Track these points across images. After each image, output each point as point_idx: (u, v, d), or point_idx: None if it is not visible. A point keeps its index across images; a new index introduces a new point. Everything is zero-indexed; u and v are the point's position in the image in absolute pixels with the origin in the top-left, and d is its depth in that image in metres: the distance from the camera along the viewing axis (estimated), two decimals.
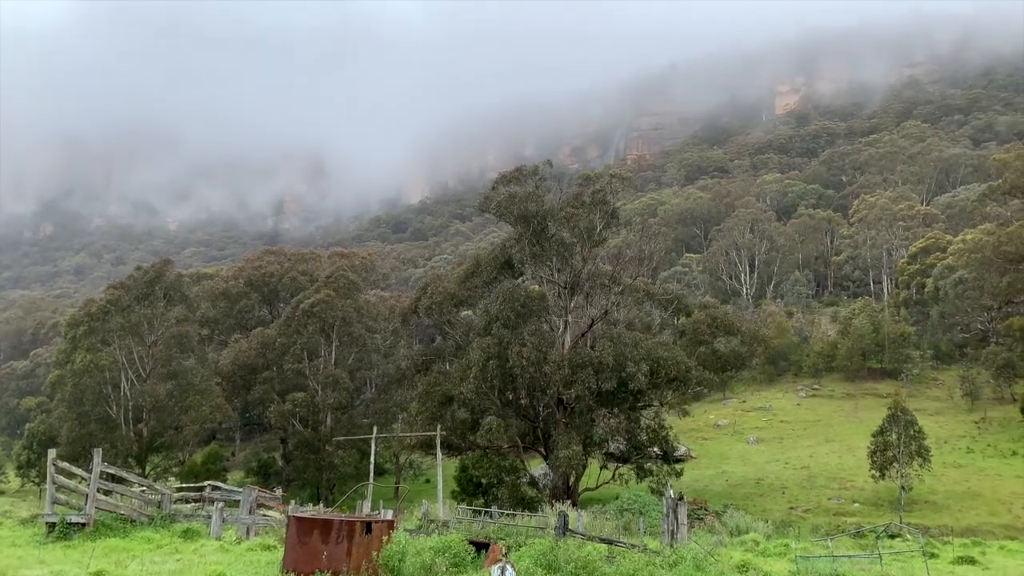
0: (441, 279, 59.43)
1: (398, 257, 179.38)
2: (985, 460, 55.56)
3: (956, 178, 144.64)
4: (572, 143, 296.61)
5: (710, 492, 51.11)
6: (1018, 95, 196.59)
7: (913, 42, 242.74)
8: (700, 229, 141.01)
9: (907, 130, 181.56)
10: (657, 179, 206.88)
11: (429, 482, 60.77)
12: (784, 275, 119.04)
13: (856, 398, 78.53)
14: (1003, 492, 48.36)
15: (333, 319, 65.54)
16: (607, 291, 51.62)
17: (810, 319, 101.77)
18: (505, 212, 50.61)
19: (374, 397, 71.80)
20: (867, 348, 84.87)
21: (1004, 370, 70.44)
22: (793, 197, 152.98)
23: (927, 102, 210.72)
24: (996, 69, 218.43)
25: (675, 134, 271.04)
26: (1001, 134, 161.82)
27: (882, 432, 47.52)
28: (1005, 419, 64.76)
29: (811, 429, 70.72)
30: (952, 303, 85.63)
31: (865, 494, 49.32)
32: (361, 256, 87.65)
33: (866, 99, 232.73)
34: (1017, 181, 65.62)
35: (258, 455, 71.01)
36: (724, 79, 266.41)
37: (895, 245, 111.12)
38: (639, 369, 45.14)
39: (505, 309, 48.41)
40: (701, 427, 73.92)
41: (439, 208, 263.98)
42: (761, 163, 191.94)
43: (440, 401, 49.18)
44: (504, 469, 46.54)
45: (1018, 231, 62.11)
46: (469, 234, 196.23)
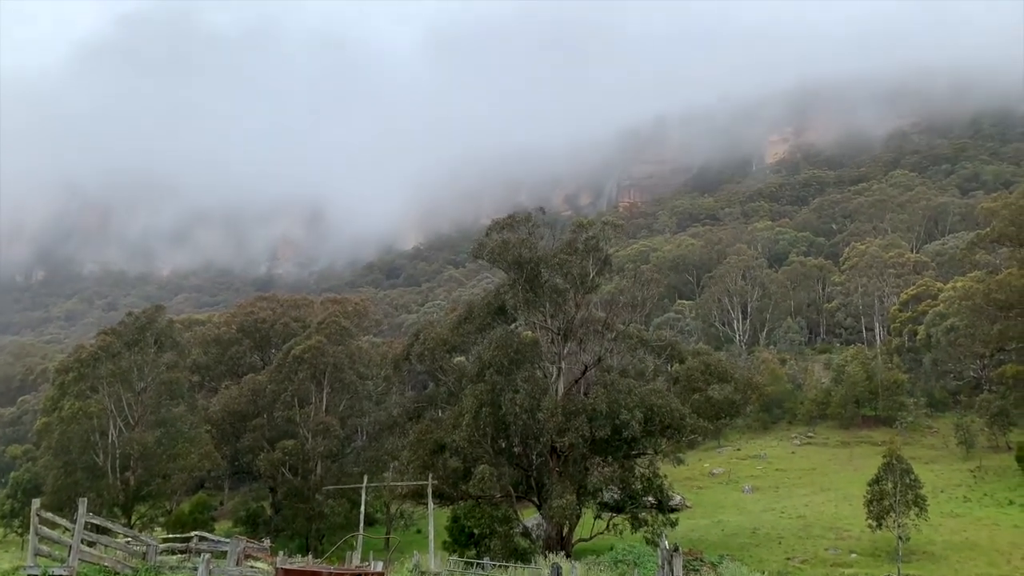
0: (434, 325, 59.32)
1: (391, 303, 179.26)
2: (982, 510, 55.03)
3: (945, 226, 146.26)
4: (565, 190, 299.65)
5: (706, 542, 50.36)
6: (1003, 145, 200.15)
7: (900, 93, 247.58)
8: (692, 276, 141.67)
9: (896, 179, 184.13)
10: (649, 226, 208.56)
11: (420, 532, 59.75)
12: (777, 322, 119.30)
13: (851, 446, 78.03)
14: (1001, 542, 47.78)
15: (324, 366, 65.10)
16: (600, 337, 51.52)
17: (803, 366, 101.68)
18: (498, 258, 50.71)
19: (365, 445, 70.97)
20: (861, 395, 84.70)
21: (998, 418, 70.25)
22: (784, 244, 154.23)
23: (914, 152, 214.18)
24: (981, 120, 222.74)
25: (667, 182, 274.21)
26: (988, 183, 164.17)
27: (878, 481, 47.08)
28: (1001, 468, 64.34)
29: (806, 477, 70.09)
30: (944, 350, 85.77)
31: (862, 544, 48.66)
32: (354, 302, 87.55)
33: (854, 148, 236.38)
34: (1005, 229, 66.30)
35: (247, 504, 69.81)
36: (715, 129, 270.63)
37: (886, 292, 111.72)
38: (633, 417, 44.77)
39: (498, 355, 48.17)
40: (696, 475, 73.18)
41: (433, 254, 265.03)
42: (752, 211, 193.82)
43: (432, 449, 48.59)
44: (497, 519, 45.76)
45: (1007, 279, 62.55)
46: (462, 280, 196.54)
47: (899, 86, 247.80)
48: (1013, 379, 66.95)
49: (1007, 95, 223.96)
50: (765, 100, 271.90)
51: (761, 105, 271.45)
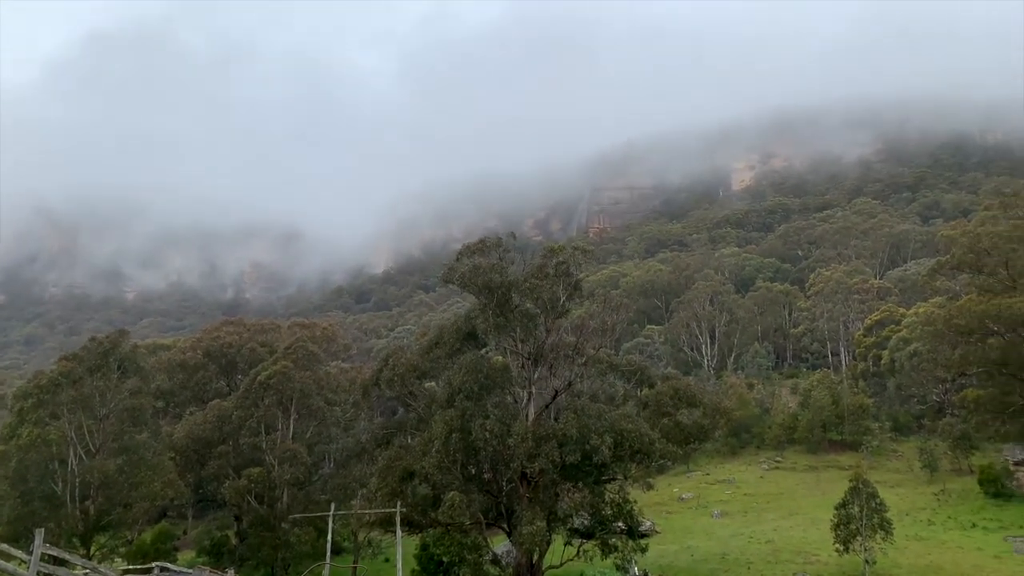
0: (403, 350, 58.88)
1: (360, 327, 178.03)
2: (946, 533, 55.73)
3: (907, 253, 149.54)
4: (536, 215, 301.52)
5: (675, 568, 50.32)
6: (962, 175, 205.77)
7: (864, 123, 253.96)
8: (661, 301, 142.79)
9: (859, 206, 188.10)
10: (619, 251, 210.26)
11: (388, 561, 58.93)
12: (744, 347, 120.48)
13: (818, 470, 78.72)
14: (965, 565, 48.37)
15: (291, 391, 64.29)
16: (571, 362, 51.56)
17: (771, 391, 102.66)
18: (469, 283, 50.68)
19: (332, 472, 70.02)
20: (827, 420, 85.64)
21: (961, 442, 71.46)
22: (751, 270, 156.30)
23: (877, 180, 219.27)
24: (940, 150, 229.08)
25: (635, 208, 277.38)
26: (947, 211, 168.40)
27: (844, 505, 47.53)
28: (964, 491, 65.31)
29: (775, 502, 70.49)
30: (908, 375, 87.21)
31: (830, 568, 48.95)
32: (322, 327, 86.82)
33: (819, 176, 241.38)
34: (963, 257, 67.84)
35: (211, 533, 68.32)
36: (682, 156, 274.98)
37: (851, 318, 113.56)
38: (603, 442, 44.76)
39: (468, 380, 47.97)
40: (665, 500, 73.24)
41: (403, 278, 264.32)
42: (719, 237, 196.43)
43: (401, 476, 48.07)
44: (466, 547, 45.31)
45: (967, 304, 63.90)
46: (432, 305, 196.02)
47: (863, 116, 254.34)
48: (974, 403, 68.13)
49: (965, 127, 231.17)
50: (732, 128, 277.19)
51: (728, 132, 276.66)
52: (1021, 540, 52.37)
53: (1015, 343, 63.67)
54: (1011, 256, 63.35)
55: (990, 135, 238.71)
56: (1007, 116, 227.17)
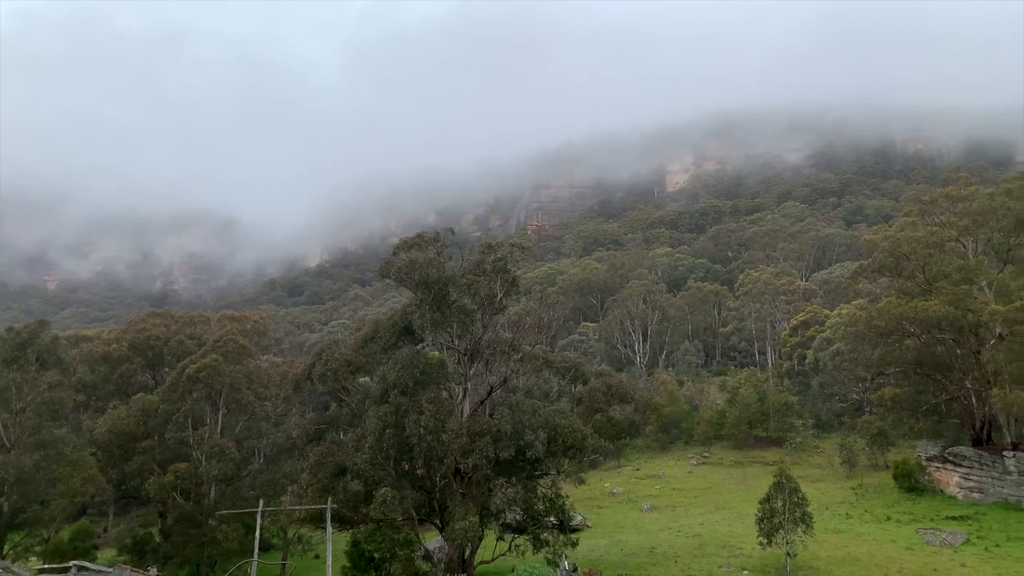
0: (338, 344, 58.20)
1: (293, 321, 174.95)
2: (863, 525, 58.03)
3: (832, 256, 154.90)
4: (475, 212, 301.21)
5: (605, 562, 51.11)
6: (884, 181, 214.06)
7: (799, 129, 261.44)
8: (597, 299, 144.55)
9: (787, 210, 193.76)
10: (556, 249, 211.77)
11: (319, 558, 58.20)
12: (675, 344, 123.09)
13: (744, 466, 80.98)
14: (880, 557, 50.48)
15: (221, 385, 62.89)
16: (507, 358, 51.86)
17: (700, 388, 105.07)
18: (406, 278, 50.47)
19: (262, 468, 68.78)
20: (753, 417, 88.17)
21: (878, 438, 74.50)
22: (683, 270, 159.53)
23: (805, 185, 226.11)
24: (865, 158, 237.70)
25: (574, 206, 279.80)
26: (870, 216, 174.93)
27: (768, 499, 49.00)
28: (880, 485, 68.11)
29: (702, 497, 72.22)
30: (830, 374, 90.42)
31: (753, 561, 50.43)
32: (253, 320, 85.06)
33: (751, 180, 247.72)
34: (884, 260, 70.65)
35: (133, 531, 66.33)
36: (622, 157, 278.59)
37: (778, 318, 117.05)
38: (537, 437, 45.23)
39: (404, 376, 47.77)
40: (597, 495, 74.27)
41: (338, 272, 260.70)
42: (653, 237, 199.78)
43: (332, 472, 47.57)
44: (398, 543, 45.16)
45: (887, 307, 66.55)
46: (368, 299, 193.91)
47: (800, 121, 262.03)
48: (891, 401, 71.10)
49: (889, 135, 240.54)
50: (672, 129, 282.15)
51: (667, 134, 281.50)
52: (932, 532, 55.00)
53: (929, 344, 66.72)
54: (928, 261, 66.29)
55: (911, 144, 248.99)
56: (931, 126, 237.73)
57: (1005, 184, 72.88)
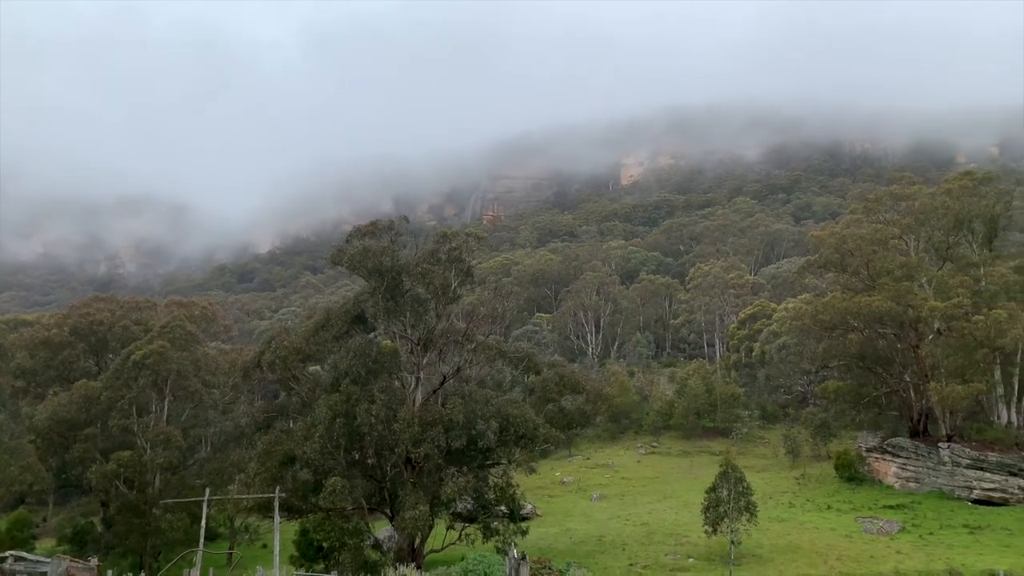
0: (288, 332, 57.54)
1: (243, 308, 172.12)
2: (805, 514, 59.63)
3: (780, 251, 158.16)
4: (430, 201, 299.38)
5: (554, 550, 51.60)
6: (832, 179, 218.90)
7: (753, 126, 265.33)
8: (551, 290, 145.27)
9: (738, 205, 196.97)
10: (511, 240, 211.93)
11: (266, 547, 57.55)
12: (627, 336, 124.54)
13: (691, 455, 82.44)
14: (820, 544, 51.98)
15: (167, 372, 61.67)
16: (460, 348, 51.89)
17: (650, 379, 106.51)
18: (359, 266, 50.09)
19: (209, 456, 67.75)
20: (701, 408, 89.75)
21: (821, 430, 76.51)
22: (636, 263, 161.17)
23: (756, 180, 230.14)
24: (815, 156, 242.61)
25: (530, 198, 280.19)
26: (818, 213, 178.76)
27: (714, 488, 50.04)
28: (822, 475, 70.01)
29: (650, 486, 73.35)
30: (776, 367, 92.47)
31: (699, 549, 51.47)
32: (202, 306, 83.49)
33: (702, 175, 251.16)
34: (830, 256, 72.39)
35: (74, 521, 64.78)
36: (578, 149, 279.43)
37: (726, 311, 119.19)
38: (489, 427, 45.43)
39: (355, 365, 47.47)
40: (547, 484, 74.86)
41: (290, 259, 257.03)
42: (607, 229, 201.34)
43: (281, 461, 47.08)
44: (347, 532, 44.93)
45: (831, 302, 68.25)
46: (320, 287, 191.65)
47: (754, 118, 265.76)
48: (834, 394, 73.04)
49: (839, 134, 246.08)
50: (628, 124, 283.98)
51: (623, 128, 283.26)
52: (870, 520, 56.83)
53: (872, 339, 68.70)
54: (872, 257, 68.12)
55: (859, 144, 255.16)
56: (879, 126, 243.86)
57: (946, 184, 75.14)
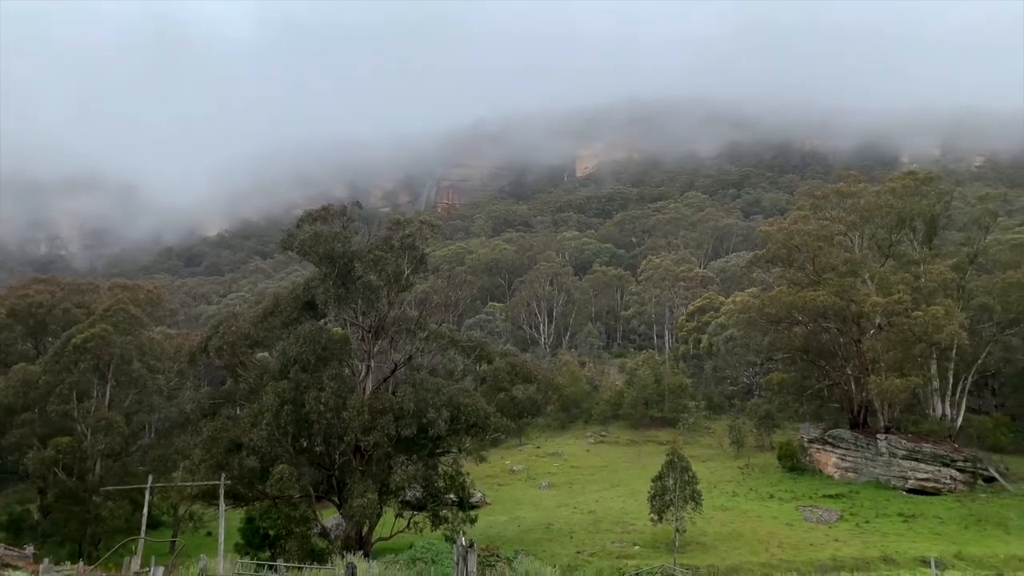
0: (236, 317, 56.58)
1: (189, 292, 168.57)
2: (748, 503, 61.04)
3: (729, 245, 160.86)
4: (384, 187, 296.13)
5: (503, 538, 51.93)
6: (781, 176, 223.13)
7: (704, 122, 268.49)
8: (505, 279, 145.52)
9: (690, 200, 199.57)
10: (466, 228, 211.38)
11: (211, 535, 56.67)
12: (579, 326, 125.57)
13: (639, 445, 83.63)
14: (762, 532, 53.30)
15: (110, 357, 60.20)
16: (412, 336, 51.67)
17: (600, 369, 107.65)
18: (309, 251, 49.48)
19: (153, 443, 66.44)
20: (650, 398, 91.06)
21: (765, 420, 78.33)
22: (589, 254, 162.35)
23: (707, 176, 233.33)
24: (765, 152, 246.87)
25: (485, 187, 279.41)
26: (766, 208, 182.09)
27: (660, 477, 50.92)
28: (765, 465, 71.70)
29: (599, 474, 74.22)
30: (723, 358, 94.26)
31: (645, 537, 52.33)
32: (146, 289, 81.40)
33: (656, 168, 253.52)
34: (778, 251, 73.94)
35: (9, 508, 62.96)
36: (533, 139, 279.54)
37: (676, 303, 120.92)
38: (440, 415, 45.39)
39: (305, 351, 46.93)
40: (497, 473, 75.20)
41: (238, 243, 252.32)
42: (562, 220, 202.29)
43: (227, 448, 46.37)
44: (294, 520, 44.52)
45: (778, 295, 69.78)
46: (270, 272, 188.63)
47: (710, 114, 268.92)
48: (778, 386, 74.87)
49: (790, 131, 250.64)
50: (584, 116, 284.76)
51: (580, 120, 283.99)
52: (810, 509, 58.47)
53: (816, 332, 70.49)
54: (817, 253, 69.77)
55: (808, 142, 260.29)
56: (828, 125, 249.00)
57: (890, 183, 77.22)
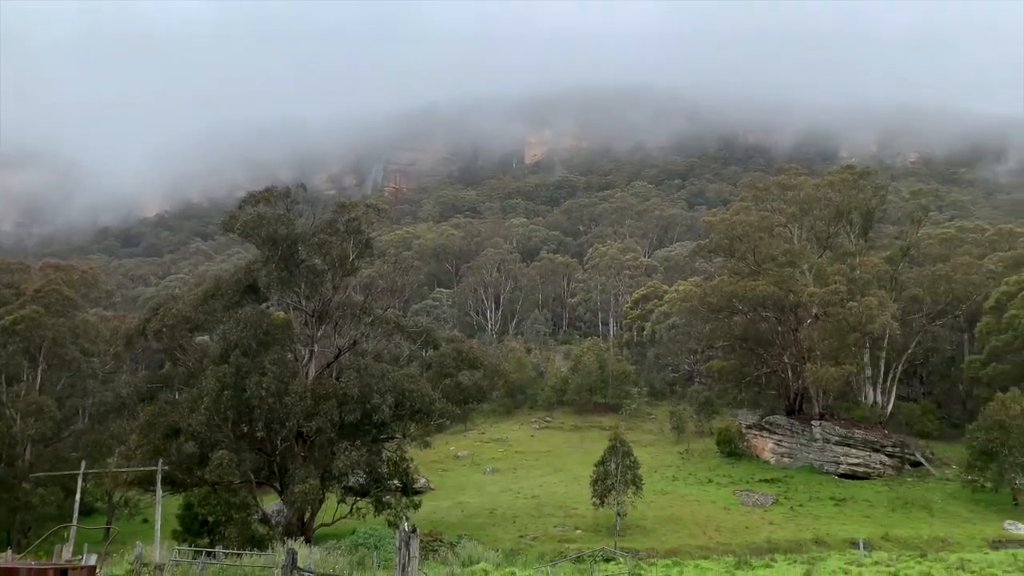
0: (176, 300, 55.27)
1: (127, 274, 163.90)
2: (687, 487, 62.39)
3: (674, 235, 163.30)
4: (329, 170, 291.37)
5: (446, 523, 52.10)
6: (725, 167, 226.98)
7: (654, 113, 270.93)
8: (452, 265, 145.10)
9: (636, 189, 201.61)
10: (413, 213, 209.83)
11: (147, 522, 55.49)
12: (526, 313, 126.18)
13: (583, 430, 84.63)
14: (700, 516, 54.58)
15: (40, 339, 58.30)
16: (357, 321, 51.29)
17: (546, 355, 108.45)
18: (252, 233, 48.59)
19: (87, 428, 64.56)
20: (594, 384, 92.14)
21: (704, 407, 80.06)
22: (537, 241, 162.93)
23: (653, 165, 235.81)
24: (709, 144, 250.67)
25: (432, 171, 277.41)
26: (710, 199, 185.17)
27: (603, 462, 51.64)
28: (704, 450, 73.34)
29: (543, 459, 74.91)
30: (666, 346, 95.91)
31: (587, 521, 53.07)
32: (81, 270, 78.93)
33: (604, 157, 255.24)
34: (720, 241, 75.42)
35: None
36: (483, 124, 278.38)
37: (621, 291, 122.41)
38: (384, 401, 45.19)
39: (246, 336, 46.15)
40: (442, 458, 75.28)
41: (179, 224, 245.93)
42: (510, 207, 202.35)
43: (165, 433, 45.42)
44: (234, 506, 43.88)
45: (719, 285, 71.25)
46: (211, 254, 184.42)
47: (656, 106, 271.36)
48: (718, 373, 76.56)
49: (735, 124, 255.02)
50: (533, 103, 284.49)
51: (529, 107, 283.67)
52: (746, 493, 60.07)
53: (755, 321, 72.20)
54: (758, 244, 71.37)
55: (752, 134, 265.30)
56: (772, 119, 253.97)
57: (829, 177, 79.36)
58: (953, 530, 52.00)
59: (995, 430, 56.65)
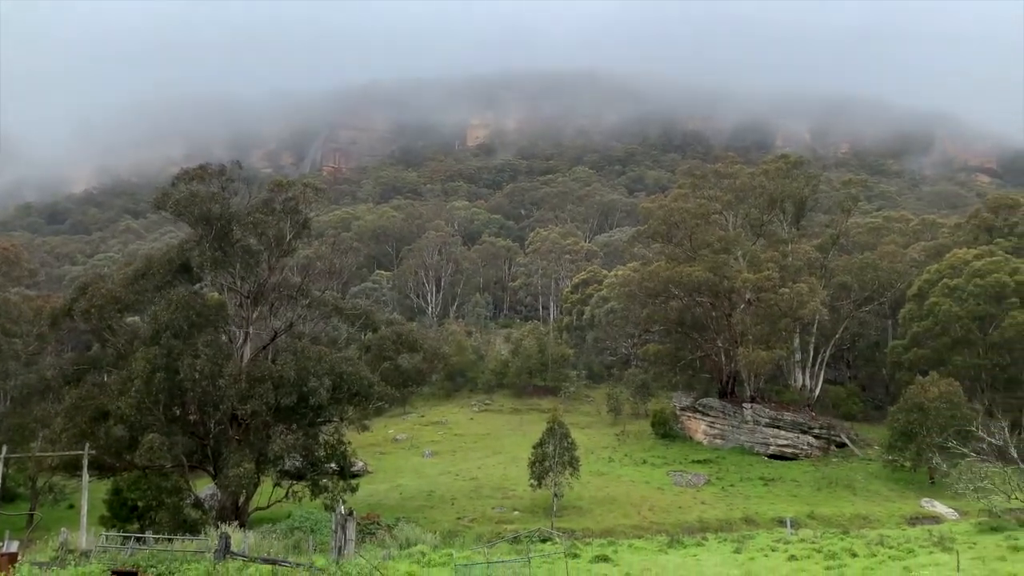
0: (104, 279, 53.50)
1: (52, 251, 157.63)
2: (622, 468, 63.57)
3: (614, 220, 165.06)
4: (266, 147, 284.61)
5: (384, 506, 52.00)
6: (664, 154, 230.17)
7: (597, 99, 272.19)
8: (392, 247, 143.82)
9: (577, 174, 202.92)
10: (353, 194, 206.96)
11: (73, 507, 53.87)
12: (467, 296, 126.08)
13: (522, 413, 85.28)
14: (635, 496, 55.73)
15: None
16: (294, 303, 50.56)
17: (487, 339, 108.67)
18: (185, 211, 47.31)
19: (8, 411, 62.12)
20: (533, 367, 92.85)
21: (641, 389, 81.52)
22: (479, 225, 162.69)
23: (594, 151, 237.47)
24: (649, 131, 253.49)
25: (373, 151, 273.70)
26: (649, 186, 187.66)
27: (541, 444, 52.23)
28: (640, 432, 74.75)
29: (481, 442, 75.28)
30: (604, 330, 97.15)
31: (524, 502, 53.66)
32: (3, 247, 75.71)
33: (545, 141, 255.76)
34: (658, 227, 76.59)
35: None
36: (424, 105, 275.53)
37: (561, 276, 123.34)
38: (321, 384, 44.75)
39: (178, 317, 45.01)
40: (380, 441, 74.95)
41: (108, 200, 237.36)
42: (452, 189, 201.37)
43: (93, 416, 44.08)
44: (165, 490, 42.95)
45: (657, 270, 72.42)
46: (142, 232, 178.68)
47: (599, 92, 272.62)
48: (654, 356, 78.00)
49: (675, 111, 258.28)
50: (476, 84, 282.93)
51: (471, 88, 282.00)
52: (679, 474, 61.55)
53: (690, 306, 73.70)
54: (695, 230, 72.73)
55: (691, 122, 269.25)
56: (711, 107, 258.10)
57: (764, 166, 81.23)
58: (874, 508, 54.35)
59: (915, 412, 59.18)
